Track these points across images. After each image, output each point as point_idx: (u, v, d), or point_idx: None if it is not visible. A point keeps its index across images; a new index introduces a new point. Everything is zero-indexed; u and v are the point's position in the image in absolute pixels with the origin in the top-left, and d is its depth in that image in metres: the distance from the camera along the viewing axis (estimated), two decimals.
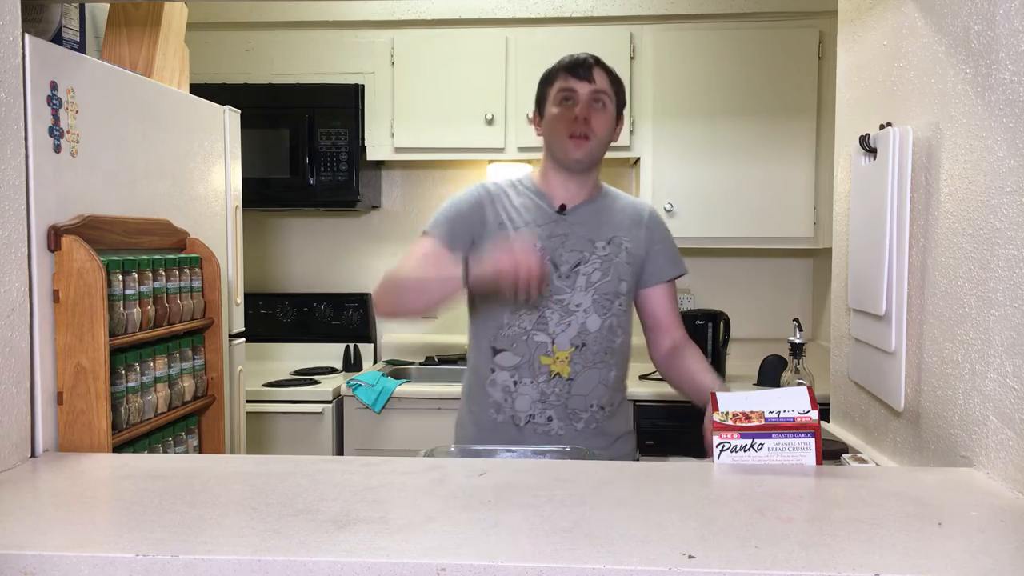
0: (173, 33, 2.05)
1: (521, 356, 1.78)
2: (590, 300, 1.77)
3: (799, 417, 1.28)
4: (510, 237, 1.76)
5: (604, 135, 1.78)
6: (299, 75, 3.27)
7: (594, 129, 1.75)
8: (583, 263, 1.78)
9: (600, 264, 1.79)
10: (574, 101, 1.76)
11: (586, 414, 1.80)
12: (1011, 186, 1.16)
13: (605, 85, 1.78)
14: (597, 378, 1.80)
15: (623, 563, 0.91)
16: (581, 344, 1.77)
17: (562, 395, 1.78)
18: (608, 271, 1.79)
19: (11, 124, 1.36)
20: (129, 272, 1.65)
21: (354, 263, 3.61)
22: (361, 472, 1.26)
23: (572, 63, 1.78)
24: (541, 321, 1.76)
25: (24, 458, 1.37)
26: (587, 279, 1.77)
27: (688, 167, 3.13)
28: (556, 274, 1.76)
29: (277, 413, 2.95)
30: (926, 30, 1.43)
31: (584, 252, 1.78)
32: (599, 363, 1.79)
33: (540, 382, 1.78)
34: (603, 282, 1.78)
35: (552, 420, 1.79)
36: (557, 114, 1.77)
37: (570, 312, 1.77)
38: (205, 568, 0.93)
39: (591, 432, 1.81)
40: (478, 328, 1.85)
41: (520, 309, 1.76)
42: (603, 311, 1.78)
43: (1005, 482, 1.17)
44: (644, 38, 3.13)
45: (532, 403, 1.78)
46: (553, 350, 1.77)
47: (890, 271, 1.49)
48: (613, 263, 1.80)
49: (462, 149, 3.21)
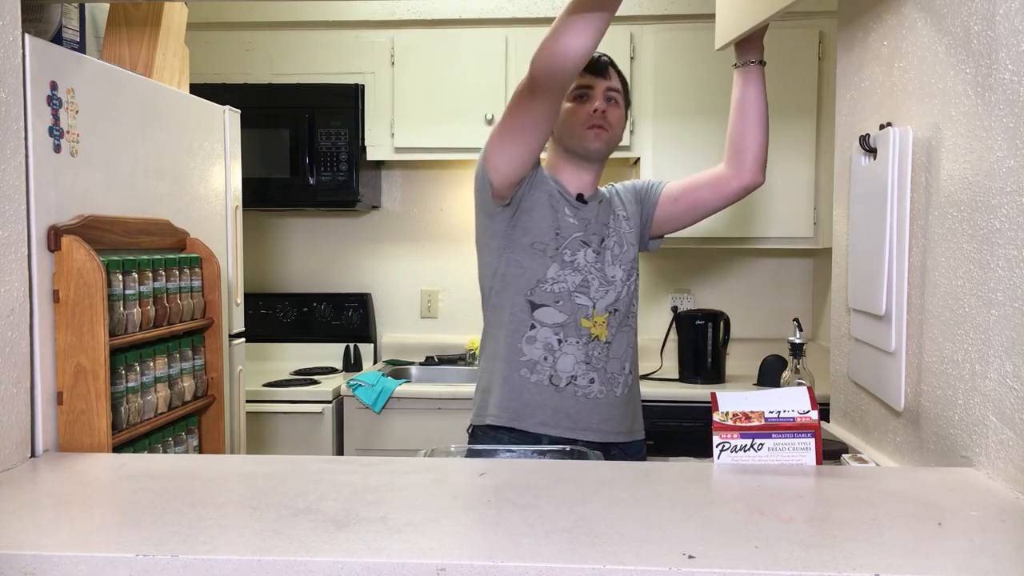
0: (173, 33, 2.05)
1: (567, 315, 1.82)
2: (621, 271, 1.87)
3: (799, 417, 1.28)
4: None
5: (618, 129, 1.89)
6: (299, 75, 3.27)
7: (611, 122, 1.85)
8: (606, 238, 1.88)
9: (618, 239, 1.89)
10: (590, 97, 1.84)
11: (621, 378, 1.87)
12: (1011, 186, 1.16)
13: (618, 84, 1.89)
14: (626, 341, 1.89)
15: (623, 563, 0.91)
16: (614, 310, 1.86)
17: (601, 358, 1.84)
18: (624, 244, 1.90)
19: (11, 124, 1.36)
20: (129, 272, 1.65)
21: (354, 263, 3.61)
22: (361, 472, 1.26)
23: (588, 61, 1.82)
24: (584, 284, 1.82)
25: (24, 458, 1.37)
26: (612, 254, 1.87)
27: (688, 167, 3.09)
28: (590, 248, 1.84)
29: (277, 413, 2.95)
30: (926, 30, 1.43)
31: (605, 232, 1.88)
32: (625, 327, 1.89)
33: (583, 342, 1.82)
34: (623, 253, 1.89)
35: (594, 383, 1.83)
36: (574, 107, 1.85)
37: (608, 282, 1.85)
38: (205, 568, 0.93)
39: (626, 398, 1.88)
40: (509, 281, 1.82)
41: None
42: (628, 279, 1.89)
43: (1005, 482, 1.17)
44: (644, 38, 3.13)
45: (576, 363, 1.81)
46: (592, 314, 1.83)
47: (890, 271, 1.49)
48: (623, 235, 1.91)
49: (462, 149, 3.21)
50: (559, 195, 1.85)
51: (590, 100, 1.84)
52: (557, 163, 1.91)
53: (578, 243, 1.82)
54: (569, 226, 1.83)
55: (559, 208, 1.83)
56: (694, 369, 3.06)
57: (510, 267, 1.82)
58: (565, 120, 1.86)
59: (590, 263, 1.83)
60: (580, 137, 1.84)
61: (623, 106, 1.90)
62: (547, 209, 1.81)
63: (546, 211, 1.81)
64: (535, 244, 1.80)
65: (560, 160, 1.90)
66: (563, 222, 1.83)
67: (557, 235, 1.81)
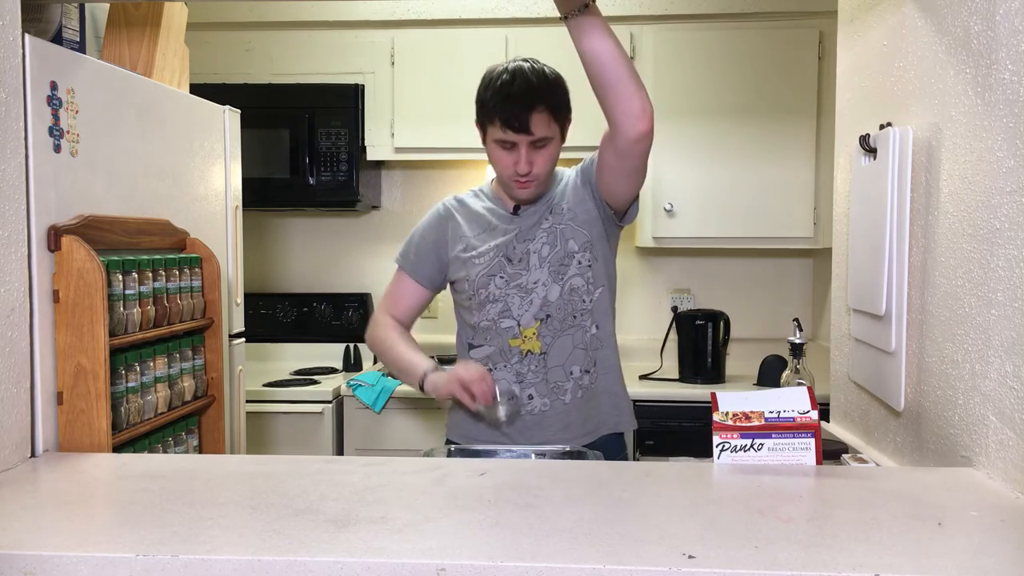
0: (173, 33, 2.04)
1: (494, 345, 1.83)
2: (546, 273, 1.80)
3: (799, 417, 1.28)
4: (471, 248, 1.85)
5: (549, 168, 1.78)
6: (299, 75, 3.27)
7: (537, 174, 1.76)
8: (530, 242, 1.81)
9: (547, 238, 1.82)
10: (514, 147, 1.74)
11: (568, 384, 1.81)
12: (1011, 186, 1.16)
13: (544, 129, 1.72)
14: (571, 344, 1.82)
15: (623, 563, 0.91)
16: (545, 316, 1.80)
17: (539, 371, 1.80)
18: (555, 242, 1.81)
19: (11, 124, 1.36)
20: (129, 272, 1.65)
21: (354, 263, 3.61)
22: (361, 472, 1.26)
23: (509, 108, 1.70)
24: (505, 309, 1.81)
25: (24, 458, 1.37)
26: (539, 256, 1.81)
27: (688, 167, 3.13)
28: (508, 263, 1.82)
29: (277, 413, 2.95)
30: (926, 30, 1.43)
31: (533, 236, 1.82)
32: (569, 328, 1.81)
33: (513, 363, 1.81)
34: (552, 253, 1.81)
35: (533, 398, 1.81)
36: (498, 155, 1.77)
37: (528, 291, 1.80)
38: (205, 568, 0.93)
39: (579, 402, 1.82)
40: (459, 332, 1.93)
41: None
42: (559, 276, 1.80)
43: (1005, 482, 1.17)
44: (644, 38, 3.13)
45: (509, 385, 1.80)
46: (520, 331, 1.80)
47: (890, 271, 1.49)
48: (557, 231, 1.82)
49: (462, 149, 3.21)
50: (485, 222, 1.86)
51: (515, 150, 1.73)
52: (501, 182, 1.86)
53: (484, 279, 1.81)
54: (476, 267, 1.82)
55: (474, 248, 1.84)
56: (694, 369, 3.06)
57: (457, 319, 1.93)
58: (492, 163, 1.81)
59: (501, 288, 1.81)
60: (508, 187, 1.81)
61: (557, 138, 1.76)
62: (460, 265, 1.85)
63: (460, 268, 1.85)
64: (460, 301, 1.89)
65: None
66: (471, 267, 1.82)
67: (467, 282, 1.83)
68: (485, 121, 1.77)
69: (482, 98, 1.77)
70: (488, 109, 1.74)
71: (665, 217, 3.10)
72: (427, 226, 1.94)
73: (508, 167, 1.76)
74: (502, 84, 1.72)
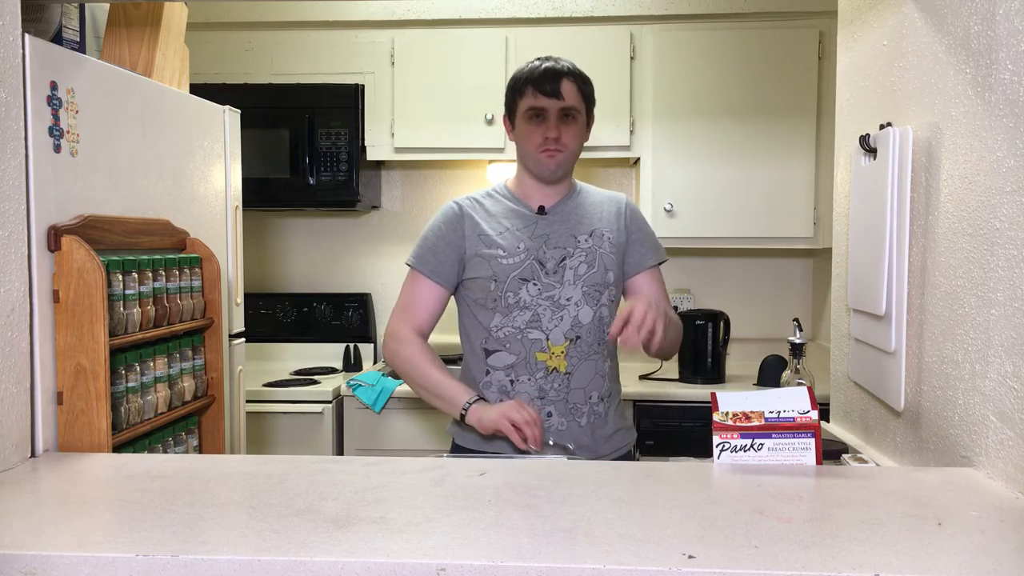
0: (173, 33, 2.04)
1: (517, 355, 1.80)
2: (580, 293, 1.80)
3: (799, 417, 1.28)
4: (495, 245, 1.82)
5: (575, 146, 1.84)
6: (299, 75, 3.27)
7: (565, 144, 1.81)
8: (568, 258, 1.82)
9: (585, 257, 1.82)
10: (544, 118, 1.80)
11: (586, 407, 1.81)
12: (1011, 186, 1.16)
13: (574, 99, 1.81)
14: (594, 369, 1.82)
15: (623, 563, 0.91)
16: (575, 337, 1.80)
17: (562, 390, 1.80)
18: (594, 263, 1.83)
19: (11, 124, 1.36)
20: (129, 272, 1.65)
21: (354, 263, 3.61)
22: (361, 472, 1.26)
23: (540, 77, 1.80)
24: (535, 319, 1.79)
25: (24, 458, 1.38)
26: (574, 272, 1.81)
27: (688, 167, 3.13)
28: (543, 271, 1.80)
29: (277, 413, 2.95)
30: (926, 30, 1.43)
31: (567, 247, 1.83)
32: (594, 354, 1.82)
33: (538, 378, 1.79)
34: (590, 274, 1.82)
35: (552, 416, 1.79)
36: (528, 130, 1.82)
37: (561, 307, 1.80)
38: (205, 568, 0.93)
39: (592, 426, 1.82)
40: (469, 332, 1.89)
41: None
42: (593, 302, 1.82)
43: (1005, 482, 1.17)
44: (644, 38, 3.13)
45: (531, 400, 1.79)
46: (548, 346, 1.79)
47: (890, 271, 1.49)
48: (598, 254, 1.84)
49: (462, 149, 3.21)
50: (509, 221, 1.84)
51: (544, 122, 1.80)
52: (521, 177, 1.89)
53: (517, 282, 1.79)
54: (505, 267, 1.79)
55: (499, 245, 1.81)
56: (694, 369, 3.06)
57: (465, 322, 1.89)
58: (520, 142, 1.84)
59: (533, 296, 1.79)
60: (535, 161, 1.82)
61: (583, 117, 1.84)
62: (481, 263, 1.81)
63: (481, 266, 1.81)
64: (477, 300, 1.83)
65: (523, 175, 1.89)
66: (498, 267, 1.80)
67: (495, 282, 1.80)
68: (516, 96, 1.83)
69: (514, 80, 1.86)
70: (520, 83, 1.83)
71: (665, 217, 3.09)
72: (441, 225, 1.89)
73: (538, 136, 1.80)
74: (533, 66, 1.84)
